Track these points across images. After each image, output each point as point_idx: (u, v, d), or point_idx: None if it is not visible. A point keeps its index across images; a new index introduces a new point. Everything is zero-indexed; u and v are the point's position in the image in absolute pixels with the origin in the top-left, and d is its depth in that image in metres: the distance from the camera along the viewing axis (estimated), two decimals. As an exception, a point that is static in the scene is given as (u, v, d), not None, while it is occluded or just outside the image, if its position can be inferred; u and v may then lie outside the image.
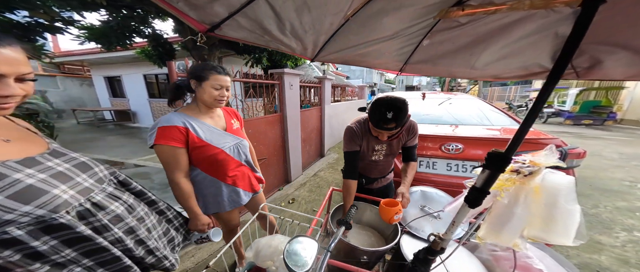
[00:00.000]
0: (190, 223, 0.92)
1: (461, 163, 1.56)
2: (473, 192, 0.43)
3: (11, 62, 0.39)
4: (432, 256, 0.56)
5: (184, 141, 0.84)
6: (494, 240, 0.60)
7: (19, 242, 0.44)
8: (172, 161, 0.84)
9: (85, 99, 9.10)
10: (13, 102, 0.43)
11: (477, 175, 0.50)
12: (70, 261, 0.50)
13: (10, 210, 0.42)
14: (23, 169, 0.45)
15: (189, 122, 0.86)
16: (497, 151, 0.40)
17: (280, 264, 0.58)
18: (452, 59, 0.93)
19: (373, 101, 0.93)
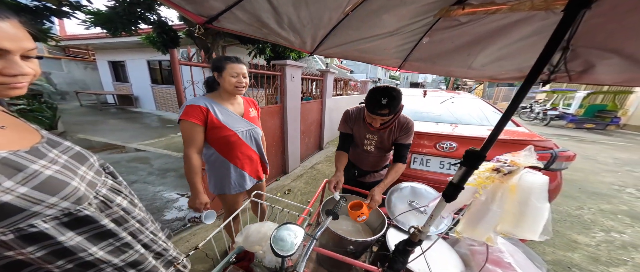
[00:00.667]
0: (190, 199, 1.01)
1: (453, 161, 1.59)
2: (450, 187, 0.46)
3: (13, 37, 0.35)
4: (411, 248, 0.60)
5: (203, 119, 0.95)
6: (470, 234, 0.63)
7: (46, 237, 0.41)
8: (189, 136, 0.95)
9: (89, 82, 9.16)
10: (24, 81, 0.40)
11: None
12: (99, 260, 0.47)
13: (38, 201, 0.39)
14: (36, 160, 0.42)
15: (211, 105, 0.98)
16: (474, 149, 0.42)
17: (267, 249, 0.61)
18: (450, 58, 0.94)
19: (371, 89, 0.97)
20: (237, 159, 1.08)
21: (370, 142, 1.19)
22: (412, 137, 1.13)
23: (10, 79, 0.37)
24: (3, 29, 0.34)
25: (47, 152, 0.46)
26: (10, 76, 0.37)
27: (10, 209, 0.37)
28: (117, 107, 8.14)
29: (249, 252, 0.65)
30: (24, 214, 0.38)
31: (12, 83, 0.38)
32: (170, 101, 7.46)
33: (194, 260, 1.48)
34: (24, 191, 0.38)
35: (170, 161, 3.37)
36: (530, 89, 0.44)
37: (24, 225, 0.39)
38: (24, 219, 0.39)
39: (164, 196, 2.33)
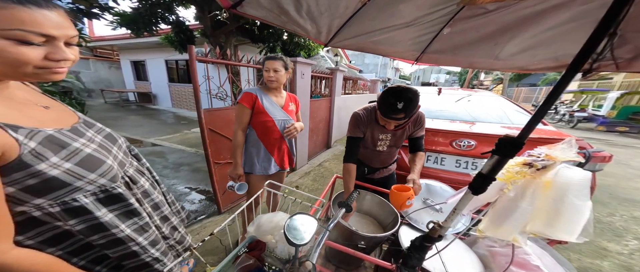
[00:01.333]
0: (230, 169, 1.23)
1: (471, 160, 1.51)
2: (478, 178, 0.43)
3: (59, 25, 0.38)
4: (429, 243, 0.57)
5: (252, 104, 1.16)
6: (494, 233, 0.59)
7: (85, 211, 0.44)
8: (238, 116, 1.18)
9: (113, 81, 9.72)
10: (66, 67, 0.42)
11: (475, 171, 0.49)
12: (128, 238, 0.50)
13: (80, 177, 0.42)
14: (77, 138, 0.45)
15: (260, 94, 1.19)
16: (509, 136, 0.38)
17: (279, 238, 0.61)
18: (474, 49, 0.88)
19: (384, 90, 0.91)
20: (269, 143, 1.24)
21: (384, 142, 1.16)
22: (424, 128, 1.13)
23: (54, 64, 0.40)
24: (51, 17, 0.37)
25: (85, 131, 0.49)
26: (55, 61, 0.39)
27: (57, 183, 0.40)
28: (137, 104, 8.59)
29: (260, 241, 0.65)
30: (68, 188, 0.41)
31: (55, 68, 0.40)
32: (185, 99, 7.74)
33: (205, 251, 1.53)
34: (69, 167, 0.41)
35: (184, 155, 3.49)
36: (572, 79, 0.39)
37: (68, 199, 0.42)
38: (69, 193, 0.42)
39: (177, 189, 2.41)
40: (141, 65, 8.50)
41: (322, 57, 8.39)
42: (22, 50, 0.35)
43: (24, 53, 0.35)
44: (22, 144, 0.36)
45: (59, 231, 0.44)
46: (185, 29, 3.87)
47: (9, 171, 0.35)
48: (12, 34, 0.33)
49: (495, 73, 19.66)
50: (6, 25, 0.33)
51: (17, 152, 0.36)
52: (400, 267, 0.64)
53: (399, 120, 0.91)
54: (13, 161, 0.35)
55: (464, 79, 16.03)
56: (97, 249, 0.49)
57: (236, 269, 0.54)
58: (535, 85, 17.11)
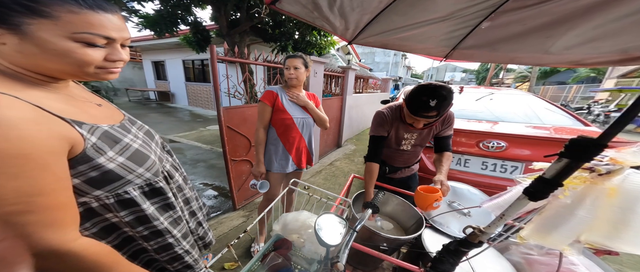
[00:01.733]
0: (253, 167, 1.25)
1: (500, 162, 1.42)
2: (539, 183, 0.38)
3: (118, 28, 0.40)
4: (466, 249, 0.53)
5: (272, 102, 1.18)
6: (541, 241, 0.54)
7: (134, 204, 0.46)
8: (260, 114, 1.20)
9: (136, 81, 10.29)
10: (120, 67, 0.44)
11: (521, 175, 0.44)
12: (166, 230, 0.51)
13: (131, 170, 0.44)
14: (126, 134, 0.47)
15: (280, 92, 1.21)
16: (585, 137, 0.34)
17: (307, 238, 0.60)
18: (519, 43, 0.80)
19: (415, 87, 0.87)
20: (288, 142, 1.24)
21: (409, 141, 1.11)
22: (453, 128, 1.07)
23: (111, 64, 0.42)
24: (112, 20, 0.39)
25: (130, 128, 0.51)
26: (112, 62, 0.42)
27: (113, 176, 0.42)
28: (157, 103, 9.03)
29: (286, 240, 0.64)
30: (121, 181, 0.44)
31: (111, 68, 0.42)
32: (201, 97, 8.02)
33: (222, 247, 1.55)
34: (122, 161, 0.44)
35: (200, 152, 3.61)
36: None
37: (121, 191, 0.44)
38: (121, 185, 0.44)
39: (195, 185, 2.50)
40: (161, 65, 8.92)
41: (333, 55, 8.32)
42: (88, 52, 0.37)
43: (89, 54, 0.37)
44: (86, 138, 0.39)
45: (108, 223, 0.46)
46: (202, 29, 4.00)
47: (75, 164, 0.38)
48: (81, 37, 0.36)
49: (519, 70, 18.50)
50: (78, 29, 0.35)
51: (82, 146, 0.38)
52: (429, 271, 0.61)
53: (430, 119, 0.86)
54: (79, 155, 0.38)
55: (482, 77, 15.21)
56: (136, 243, 0.51)
57: (265, 267, 0.54)
58: (564, 83, 15.85)
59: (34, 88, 0.37)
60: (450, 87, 0.81)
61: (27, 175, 0.31)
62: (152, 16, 3.50)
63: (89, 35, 0.36)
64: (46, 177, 0.33)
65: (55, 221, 0.35)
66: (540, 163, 0.54)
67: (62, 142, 0.35)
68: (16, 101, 0.31)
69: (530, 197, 0.40)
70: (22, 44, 0.33)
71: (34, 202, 0.32)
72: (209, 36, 4.19)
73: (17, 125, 0.30)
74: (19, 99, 0.32)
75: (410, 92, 0.87)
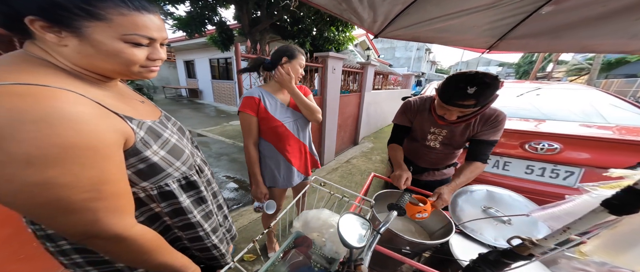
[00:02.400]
0: (252, 189, 1.07)
1: (551, 167, 1.23)
2: (628, 195, 0.31)
3: (159, 28, 0.42)
4: (509, 261, 0.46)
5: (256, 110, 0.95)
6: (610, 259, 0.45)
7: (173, 196, 0.48)
8: (246, 128, 0.98)
9: (171, 79, 11.27)
10: (159, 65, 0.46)
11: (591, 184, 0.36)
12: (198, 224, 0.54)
13: (171, 164, 0.47)
14: (165, 129, 0.50)
15: (263, 95, 0.97)
16: None
17: (328, 237, 0.58)
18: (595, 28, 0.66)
19: (455, 73, 0.78)
20: (287, 151, 1.05)
21: (436, 137, 1.00)
22: (500, 133, 0.88)
23: (152, 63, 0.44)
24: (154, 21, 0.41)
25: (167, 123, 0.54)
26: (153, 60, 0.44)
27: (157, 169, 0.45)
28: (187, 99, 9.78)
29: (307, 238, 0.63)
30: (163, 173, 0.46)
31: (152, 66, 0.45)
32: (225, 94, 8.47)
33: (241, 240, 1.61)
34: (163, 154, 0.46)
35: (224, 146, 3.81)
36: None
37: (162, 183, 0.47)
38: (163, 178, 0.47)
39: (219, 177, 2.65)
40: (191, 64, 9.60)
41: (352, 51, 8.12)
42: (134, 52, 0.40)
43: (136, 54, 0.40)
44: (136, 133, 0.42)
45: (152, 213, 0.50)
46: (226, 29, 4.19)
47: (128, 156, 0.41)
48: (130, 38, 0.38)
49: (573, 63, 16.06)
50: (127, 31, 0.37)
51: (133, 140, 0.41)
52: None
53: (466, 109, 0.75)
54: (130, 148, 0.41)
55: (523, 71, 13.46)
56: (173, 231, 0.54)
57: (286, 264, 0.53)
58: (634, 76, 13.33)
59: (93, 86, 0.40)
60: (495, 75, 0.69)
61: (96, 165, 0.34)
62: (185, 18, 3.76)
63: (136, 36, 0.38)
64: (111, 167, 0.36)
65: (119, 208, 0.38)
66: (620, 170, 0.44)
67: (119, 136, 0.38)
68: (81, 98, 0.34)
69: (611, 211, 0.33)
70: (81, 46, 0.36)
71: (103, 190, 0.35)
72: (233, 35, 4.38)
73: (87, 120, 0.33)
74: (84, 96, 0.35)
75: (446, 79, 0.78)
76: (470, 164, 0.90)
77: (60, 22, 0.33)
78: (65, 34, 0.34)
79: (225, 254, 0.63)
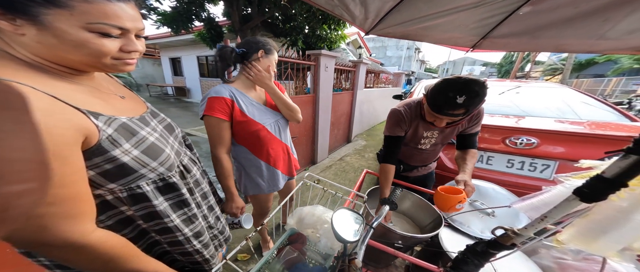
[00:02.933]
0: (226, 204, 0.93)
1: (529, 160, 1.31)
2: (596, 182, 0.34)
3: (132, 18, 0.39)
4: (495, 251, 0.49)
5: (229, 113, 0.82)
6: (584, 247, 0.48)
7: (145, 198, 0.45)
8: (216, 134, 0.83)
9: (156, 76, 10.82)
10: (136, 58, 0.44)
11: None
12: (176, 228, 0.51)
13: (145, 164, 0.44)
14: (144, 127, 0.47)
15: (235, 95, 0.84)
16: None
17: (323, 233, 0.59)
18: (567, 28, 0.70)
19: (440, 81, 0.78)
20: (269, 156, 0.96)
21: (428, 140, 1.03)
22: (481, 125, 0.96)
23: (126, 55, 0.41)
24: (125, 9, 0.38)
25: (150, 121, 0.51)
26: (127, 52, 0.41)
27: (127, 169, 0.42)
28: (174, 98, 9.45)
29: (301, 235, 0.63)
30: (135, 174, 0.43)
31: (127, 59, 0.42)
32: (215, 93, 8.25)
33: (235, 239, 1.59)
34: (136, 154, 0.43)
35: (216, 145, 3.74)
36: None
37: (134, 185, 0.44)
38: (135, 179, 0.43)
39: (211, 178, 2.58)
40: (177, 61, 9.26)
41: (344, 49, 8.17)
42: (103, 42, 0.37)
43: (105, 45, 0.37)
44: (101, 130, 0.38)
45: (124, 216, 0.47)
46: (215, 25, 4.07)
47: (91, 156, 0.38)
48: (96, 27, 0.35)
49: (549, 63, 17.16)
50: (92, 19, 0.34)
51: (97, 138, 0.38)
52: (449, 271, 0.57)
53: (455, 117, 0.78)
54: (94, 146, 0.38)
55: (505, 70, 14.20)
56: (151, 235, 0.52)
57: (281, 261, 0.54)
58: (601, 76, 14.43)
59: (56, 79, 0.37)
60: (483, 82, 0.71)
61: None
62: (170, 13, 3.62)
63: (103, 25, 0.35)
64: (63, 168, 0.33)
65: (73, 213, 0.34)
66: (590, 161, 0.48)
67: (75, 133, 0.35)
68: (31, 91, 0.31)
69: (582, 198, 0.35)
70: (40, 35, 0.33)
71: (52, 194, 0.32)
72: (222, 32, 4.27)
73: None
74: (35, 89, 0.32)
75: (434, 87, 0.78)
76: (467, 151, 0.97)
77: (13, 8, 0.30)
78: (20, 21, 0.31)
79: (209, 259, 0.60)
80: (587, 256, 0.68)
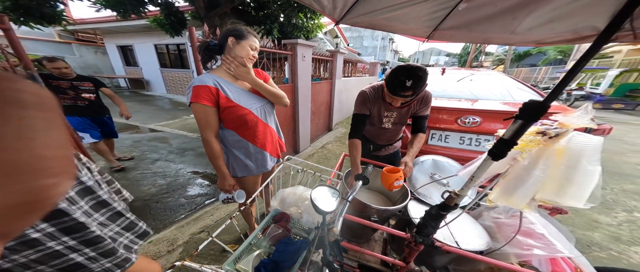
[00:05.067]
0: (219, 182, 1.02)
1: (475, 137, 1.56)
2: (499, 144, 0.45)
3: None
4: (445, 212, 0.61)
5: (215, 100, 0.87)
6: (505, 203, 0.63)
7: None
8: (204, 119, 0.88)
9: (101, 67, 9.29)
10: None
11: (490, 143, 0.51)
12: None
13: None
14: None
15: (219, 83, 0.89)
16: (534, 101, 0.40)
17: (304, 209, 0.65)
18: (491, 24, 0.86)
19: (394, 67, 0.92)
20: (257, 138, 1.02)
21: (389, 119, 1.18)
22: (430, 108, 1.14)
23: None
24: None
25: None
26: None
27: None
28: (130, 91, 8.35)
29: (285, 214, 0.69)
30: None
31: None
32: (180, 85, 7.52)
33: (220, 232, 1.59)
34: None
35: (187, 140, 3.49)
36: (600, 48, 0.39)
37: None
38: None
39: (186, 173, 2.46)
40: (129, 50, 8.10)
41: (321, 39, 8.08)
42: None
43: None
44: None
45: None
46: (175, 11, 3.64)
47: None
48: None
49: (497, 54, 19.51)
50: None
51: None
52: (415, 236, 0.69)
53: (406, 98, 0.93)
54: None
55: (464, 60, 15.75)
56: None
57: (267, 238, 0.58)
58: (535, 65, 17.06)
59: None
60: (425, 68, 0.86)
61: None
62: (114, -7, 3.10)
63: None
64: None
65: None
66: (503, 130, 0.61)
67: None
68: None
69: (493, 158, 0.47)
70: None
71: None
72: (185, 18, 3.84)
73: None
74: None
75: (390, 73, 0.92)
76: (416, 136, 1.15)
77: None
78: None
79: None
80: (513, 214, 0.87)
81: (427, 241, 0.66)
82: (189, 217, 1.75)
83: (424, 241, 0.66)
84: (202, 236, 1.57)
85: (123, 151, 2.99)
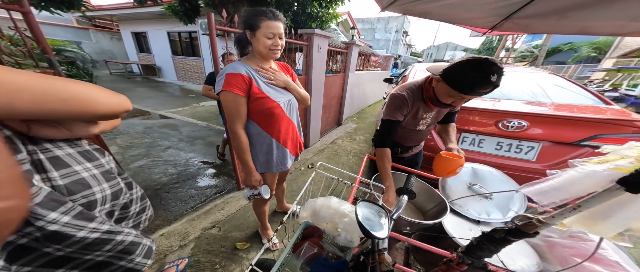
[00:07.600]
0: (245, 178, 0.97)
1: (516, 143, 1.39)
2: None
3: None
4: (515, 238, 0.50)
5: (246, 90, 0.83)
6: (586, 229, 0.51)
7: None
8: (234, 110, 0.85)
9: (115, 52, 9.45)
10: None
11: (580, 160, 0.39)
12: None
13: None
14: None
15: (251, 73, 0.85)
16: None
17: (344, 228, 0.55)
18: (599, 9, 0.68)
19: (462, 62, 0.75)
20: (280, 133, 0.99)
21: (426, 121, 1.05)
22: None
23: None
24: None
25: None
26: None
27: None
28: (142, 77, 8.46)
29: (316, 228, 0.60)
30: None
31: None
32: (190, 72, 7.54)
33: (231, 228, 1.56)
34: None
35: (197, 129, 3.48)
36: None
37: None
38: None
39: (196, 163, 2.43)
40: (143, 36, 8.13)
41: (335, 30, 7.79)
42: None
43: None
44: None
45: None
46: (189, -2, 3.55)
47: None
48: None
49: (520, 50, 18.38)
50: None
51: None
52: (463, 257, 0.59)
53: (484, 94, 0.75)
54: None
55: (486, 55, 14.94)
56: None
57: (301, 259, 0.50)
58: (563, 63, 15.97)
59: None
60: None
61: None
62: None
63: None
64: None
65: None
66: (612, 146, 0.48)
67: None
68: None
69: (628, 188, 0.35)
70: None
71: None
72: (198, 6, 3.75)
73: None
74: None
75: (457, 69, 0.75)
76: (449, 125, 1.10)
77: None
78: None
79: None
80: (571, 235, 0.75)
81: (477, 263, 0.56)
82: (199, 210, 1.72)
83: (474, 263, 0.56)
84: (214, 231, 1.53)
85: (135, 136, 3.01)
